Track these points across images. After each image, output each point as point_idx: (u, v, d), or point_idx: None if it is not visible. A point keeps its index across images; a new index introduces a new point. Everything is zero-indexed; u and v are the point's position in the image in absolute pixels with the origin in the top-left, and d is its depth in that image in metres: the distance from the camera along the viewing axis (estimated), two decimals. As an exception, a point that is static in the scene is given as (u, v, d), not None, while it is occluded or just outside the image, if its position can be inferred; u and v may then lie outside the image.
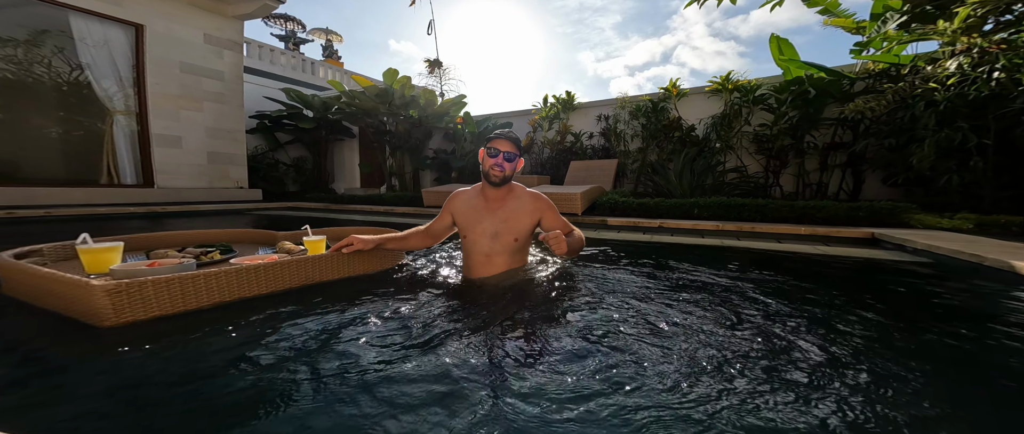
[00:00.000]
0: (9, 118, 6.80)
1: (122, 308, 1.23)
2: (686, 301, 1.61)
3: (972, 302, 1.84)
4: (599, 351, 1.13)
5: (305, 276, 1.70)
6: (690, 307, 1.54)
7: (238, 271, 1.50)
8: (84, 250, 1.50)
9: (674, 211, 4.82)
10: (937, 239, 2.85)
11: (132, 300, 1.25)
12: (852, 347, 1.21)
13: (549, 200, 1.84)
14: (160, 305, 1.32)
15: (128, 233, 2.12)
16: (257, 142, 10.54)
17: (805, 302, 1.65)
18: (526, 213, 1.79)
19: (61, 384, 0.99)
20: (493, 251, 1.79)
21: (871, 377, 1.02)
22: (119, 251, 1.58)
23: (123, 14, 7.00)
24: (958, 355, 1.21)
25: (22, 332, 1.35)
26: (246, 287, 1.53)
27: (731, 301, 1.63)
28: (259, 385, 0.97)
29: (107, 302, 1.20)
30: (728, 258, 2.74)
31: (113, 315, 1.22)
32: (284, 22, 21.94)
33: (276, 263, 1.61)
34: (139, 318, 1.28)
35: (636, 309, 1.50)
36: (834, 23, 5.06)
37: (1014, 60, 3.44)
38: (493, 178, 1.74)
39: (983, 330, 1.44)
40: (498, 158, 1.72)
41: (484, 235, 1.79)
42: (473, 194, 1.88)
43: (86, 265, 1.51)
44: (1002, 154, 3.85)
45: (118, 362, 1.08)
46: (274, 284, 1.61)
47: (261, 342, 1.22)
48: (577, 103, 7.77)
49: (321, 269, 1.76)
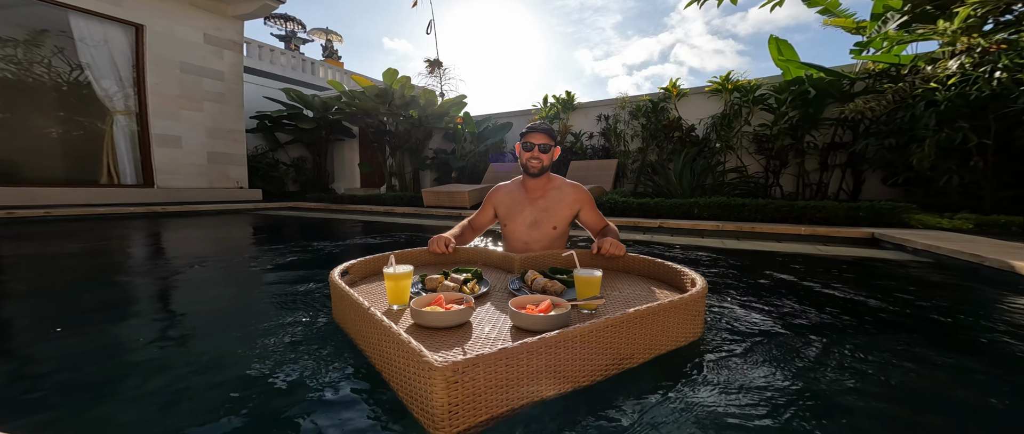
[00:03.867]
0: (9, 118, 6.80)
1: (456, 409, 0.74)
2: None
3: (972, 302, 1.84)
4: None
5: (643, 346, 1.03)
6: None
7: (591, 332, 0.90)
8: (390, 275, 1.18)
9: (674, 211, 4.82)
10: (937, 239, 2.85)
11: (464, 396, 0.75)
12: (851, 347, 1.21)
13: (589, 193, 1.88)
14: (488, 402, 0.78)
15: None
16: (257, 142, 10.55)
17: (805, 302, 1.64)
18: (566, 204, 1.84)
19: None
20: (531, 239, 1.86)
21: (870, 377, 1.02)
22: (411, 278, 1.25)
23: (123, 14, 7.00)
24: (958, 355, 1.21)
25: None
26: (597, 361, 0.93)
27: (730, 300, 1.63)
28: None
29: (444, 398, 0.72)
30: (728, 258, 2.74)
31: (448, 424, 0.74)
32: (284, 22, 21.95)
33: (615, 322, 0.95)
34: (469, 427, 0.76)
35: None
36: (834, 23, 5.06)
37: (1015, 60, 3.44)
38: (532, 170, 1.81)
39: (983, 330, 1.44)
40: (533, 151, 1.78)
41: (523, 224, 1.86)
42: (513, 186, 1.95)
43: (389, 294, 1.21)
44: (1002, 154, 3.85)
45: None
46: (607, 353, 0.96)
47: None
48: (577, 103, 7.77)
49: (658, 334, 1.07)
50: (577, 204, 1.85)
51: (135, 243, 3.64)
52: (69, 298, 1.83)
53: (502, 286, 1.47)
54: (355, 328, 1.10)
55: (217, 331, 1.42)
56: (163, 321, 1.53)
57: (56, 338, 1.28)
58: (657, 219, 4.66)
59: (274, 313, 1.52)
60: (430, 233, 2.05)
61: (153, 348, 1.22)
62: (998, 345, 1.30)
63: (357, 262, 1.51)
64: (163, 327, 1.43)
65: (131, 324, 1.49)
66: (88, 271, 2.45)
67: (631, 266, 1.66)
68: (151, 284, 2.12)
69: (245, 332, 1.35)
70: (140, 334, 1.35)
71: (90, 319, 1.51)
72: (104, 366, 1.11)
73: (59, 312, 1.61)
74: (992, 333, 1.40)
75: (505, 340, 0.99)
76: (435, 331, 1.03)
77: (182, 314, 1.63)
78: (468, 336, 1.01)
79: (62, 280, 2.23)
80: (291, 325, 1.35)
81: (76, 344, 1.25)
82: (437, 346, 0.95)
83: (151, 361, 1.14)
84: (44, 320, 1.50)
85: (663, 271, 1.51)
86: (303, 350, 1.15)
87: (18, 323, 1.53)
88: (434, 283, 1.37)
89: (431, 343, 0.96)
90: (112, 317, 1.56)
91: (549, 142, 1.79)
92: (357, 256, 1.58)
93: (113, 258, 2.93)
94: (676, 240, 3.64)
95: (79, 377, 1.03)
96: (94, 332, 1.37)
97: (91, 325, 1.43)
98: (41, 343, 1.28)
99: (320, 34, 23.43)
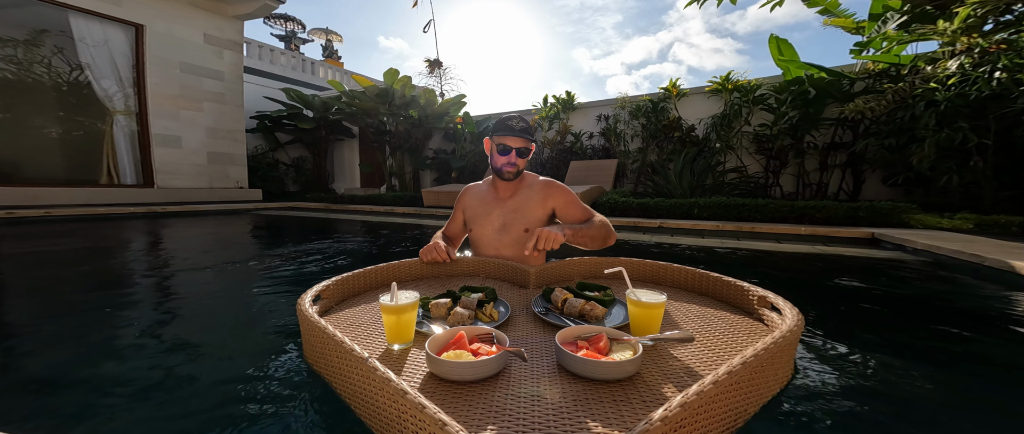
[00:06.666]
0: (9, 118, 6.80)
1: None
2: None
3: (972, 302, 1.84)
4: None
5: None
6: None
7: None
8: (389, 309, 0.90)
9: (674, 211, 4.83)
10: (937, 239, 2.85)
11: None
12: (851, 347, 1.21)
13: (564, 187, 1.66)
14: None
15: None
16: (257, 142, 10.55)
17: (804, 302, 1.64)
18: (537, 202, 1.63)
19: None
20: (501, 244, 1.65)
21: (870, 377, 1.02)
22: (417, 309, 0.96)
23: (123, 14, 7.00)
24: (958, 355, 1.21)
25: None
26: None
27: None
28: None
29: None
30: (728, 258, 2.74)
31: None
32: (284, 22, 21.94)
33: (750, 367, 0.70)
34: None
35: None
36: (834, 23, 5.07)
37: (1015, 60, 3.44)
38: (506, 175, 1.60)
39: (983, 330, 1.44)
40: (510, 156, 1.56)
41: (491, 227, 1.66)
42: (483, 186, 1.76)
43: (388, 331, 0.93)
44: (1002, 154, 3.85)
45: None
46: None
47: None
48: (577, 103, 7.77)
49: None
50: (549, 200, 1.62)
51: (135, 243, 3.64)
52: (69, 298, 1.83)
53: (520, 307, 1.21)
54: (341, 376, 0.81)
55: (215, 332, 1.41)
56: (162, 321, 1.53)
57: (55, 338, 1.28)
58: (657, 219, 4.66)
59: (273, 315, 1.52)
60: (431, 233, 2.01)
61: (147, 350, 1.22)
62: (998, 345, 1.30)
63: (332, 282, 1.23)
64: (161, 328, 1.43)
65: (131, 324, 1.49)
66: (88, 271, 2.45)
67: (676, 279, 1.42)
68: (151, 284, 2.12)
69: (240, 334, 1.35)
70: (137, 334, 1.35)
71: (89, 319, 1.51)
72: (101, 366, 1.11)
73: (58, 312, 1.61)
74: (992, 333, 1.40)
75: (554, 392, 0.73)
76: (460, 383, 0.77)
77: (182, 314, 1.63)
78: (505, 390, 0.75)
79: (62, 280, 2.23)
80: (284, 334, 1.34)
81: (75, 344, 1.24)
82: (465, 408, 0.69)
83: (144, 363, 1.13)
84: (44, 320, 1.50)
85: (714, 286, 1.29)
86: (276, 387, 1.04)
87: (17, 323, 1.53)
88: (440, 309, 1.09)
89: (457, 403, 0.71)
90: (112, 318, 1.56)
91: (527, 146, 1.56)
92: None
93: (113, 258, 2.93)
94: (676, 240, 3.64)
95: (78, 377, 1.03)
96: (93, 332, 1.37)
97: (90, 325, 1.43)
98: (40, 343, 1.28)
99: (320, 34, 23.43)
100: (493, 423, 0.65)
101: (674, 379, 0.79)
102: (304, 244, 3.35)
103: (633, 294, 0.96)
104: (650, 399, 0.72)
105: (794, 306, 1.01)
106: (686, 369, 0.83)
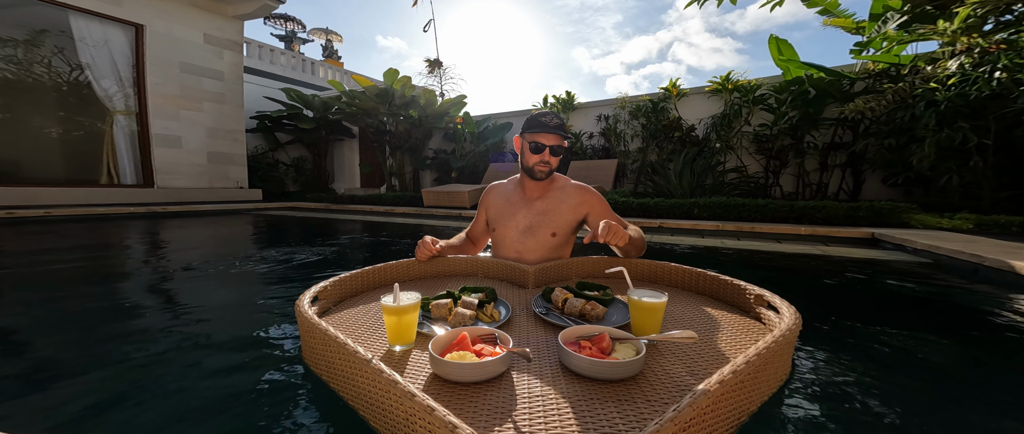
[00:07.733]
0: (9, 118, 6.80)
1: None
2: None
3: (972, 302, 1.84)
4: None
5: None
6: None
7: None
8: (391, 310, 0.90)
9: (674, 211, 4.83)
10: (937, 239, 2.85)
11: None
12: (850, 347, 1.21)
13: (599, 194, 1.59)
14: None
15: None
16: (257, 142, 10.55)
17: (804, 302, 1.64)
18: (570, 206, 1.55)
19: None
20: (524, 247, 1.57)
21: (869, 377, 1.02)
22: (418, 309, 0.95)
23: (123, 14, 7.01)
24: (958, 355, 1.21)
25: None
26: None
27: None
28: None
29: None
30: (728, 258, 2.74)
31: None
32: (284, 22, 21.95)
33: (753, 367, 0.72)
34: None
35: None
36: (834, 23, 5.07)
37: (1015, 60, 3.44)
38: (538, 174, 1.52)
39: (983, 330, 1.44)
40: (543, 154, 1.48)
41: (516, 228, 1.58)
42: (510, 185, 1.68)
43: (389, 332, 0.92)
44: (1002, 154, 3.85)
45: None
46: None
47: None
48: (577, 103, 7.77)
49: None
50: (583, 207, 1.55)
51: (135, 244, 3.64)
52: (69, 298, 1.83)
53: (520, 307, 1.22)
54: (343, 378, 0.80)
55: (215, 332, 1.41)
56: (161, 322, 1.53)
57: (55, 338, 1.28)
58: (657, 219, 4.66)
59: (272, 315, 1.52)
60: (431, 233, 2.02)
61: (146, 351, 1.22)
62: (998, 345, 1.30)
63: (331, 283, 1.22)
64: (160, 329, 1.43)
65: (129, 325, 1.49)
66: (88, 272, 2.45)
67: (675, 279, 1.41)
68: (149, 285, 2.12)
69: (236, 336, 1.35)
70: (135, 336, 1.35)
71: (88, 320, 1.51)
72: (100, 367, 1.11)
73: (58, 312, 1.61)
74: (992, 333, 1.41)
75: (558, 392, 0.73)
76: (464, 384, 0.77)
77: (181, 314, 1.63)
78: (510, 390, 0.75)
79: (62, 280, 2.23)
80: (280, 338, 1.34)
81: (75, 345, 1.25)
82: (470, 409, 0.69)
83: (142, 364, 1.13)
84: (44, 320, 1.50)
85: (712, 285, 1.29)
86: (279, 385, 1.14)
87: (17, 323, 1.53)
88: (441, 310, 1.09)
89: (461, 403, 0.71)
90: (111, 319, 1.55)
91: (561, 144, 1.48)
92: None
93: (112, 259, 2.93)
94: (676, 240, 3.64)
95: (78, 377, 1.03)
96: (93, 332, 1.37)
97: (90, 325, 1.43)
98: (40, 343, 1.28)
99: (320, 34, 23.44)
100: (498, 424, 0.65)
101: (676, 378, 0.79)
102: (304, 244, 3.35)
103: (635, 295, 0.96)
104: (653, 398, 0.72)
105: (792, 305, 1.02)
106: (687, 368, 0.83)
